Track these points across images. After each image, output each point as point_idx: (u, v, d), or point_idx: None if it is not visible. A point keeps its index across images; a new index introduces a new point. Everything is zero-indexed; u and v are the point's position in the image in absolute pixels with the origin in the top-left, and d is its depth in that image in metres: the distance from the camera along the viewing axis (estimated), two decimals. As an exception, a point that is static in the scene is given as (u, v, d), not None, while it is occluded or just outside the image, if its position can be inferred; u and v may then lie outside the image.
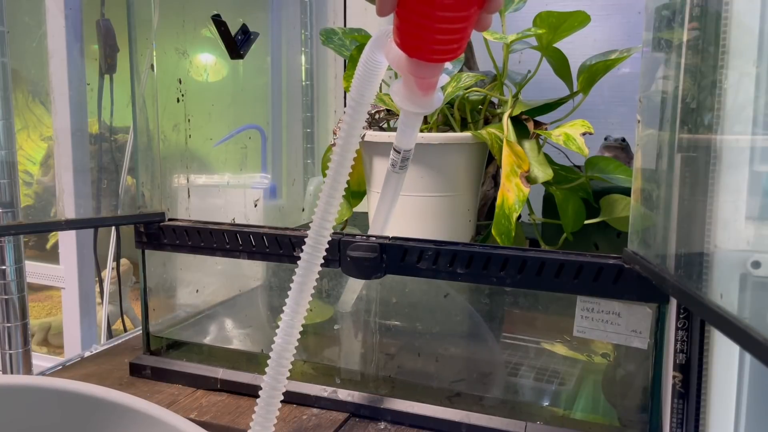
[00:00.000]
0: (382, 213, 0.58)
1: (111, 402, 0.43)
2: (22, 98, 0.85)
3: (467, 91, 0.73)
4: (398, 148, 0.53)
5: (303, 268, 0.48)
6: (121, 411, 0.42)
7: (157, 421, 0.42)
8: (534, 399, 0.62)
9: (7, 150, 0.68)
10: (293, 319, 0.48)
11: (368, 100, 0.46)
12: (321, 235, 0.47)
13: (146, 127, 0.74)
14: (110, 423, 0.42)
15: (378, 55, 0.46)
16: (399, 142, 0.53)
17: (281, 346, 0.48)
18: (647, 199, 0.53)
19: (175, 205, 0.79)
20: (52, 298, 1.85)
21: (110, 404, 0.43)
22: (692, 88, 0.45)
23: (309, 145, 1.10)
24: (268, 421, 0.48)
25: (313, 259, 0.48)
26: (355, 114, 0.46)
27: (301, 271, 0.48)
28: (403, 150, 0.53)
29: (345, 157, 0.47)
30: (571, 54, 0.73)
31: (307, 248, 0.47)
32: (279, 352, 0.48)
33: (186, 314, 0.80)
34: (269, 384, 0.48)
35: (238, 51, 0.81)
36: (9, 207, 0.69)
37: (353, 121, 0.46)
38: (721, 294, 0.43)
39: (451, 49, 0.41)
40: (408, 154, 0.54)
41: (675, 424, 0.50)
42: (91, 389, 0.43)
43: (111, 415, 0.43)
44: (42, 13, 0.78)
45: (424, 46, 0.41)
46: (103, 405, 0.43)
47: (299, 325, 0.48)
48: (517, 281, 0.56)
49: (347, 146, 0.47)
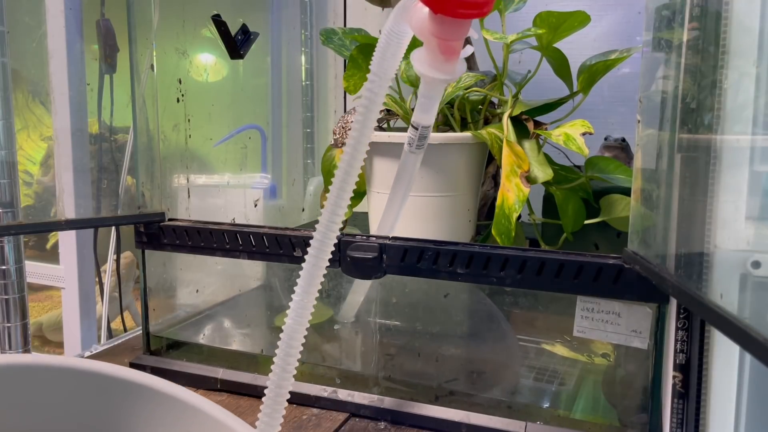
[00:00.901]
0: (398, 197, 0.55)
1: (151, 387, 0.43)
2: (22, 98, 0.85)
3: (467, 91, 0.73)
4: (416, 124, 0.50)
5: (309, 265, 0.45)
6: (163, 398, 0.42)
7: (198, 410, 0.42)
8: (534, 399, 0.62)
9: (7, 150, 0.68)
10: (298, 322, 0.46)
11: (389, 74, 0.43)
12: (333, 222, 0.45)
13: (146, 127, 0.74)
14: (149, 409, 0.43)
15: (402, 25, 0.43)
16: (417, 118, 0.50)
17: (285, 351, 0.46)
18: (647, 199, 0.53)
19: (175, 205, 0.79)
20: (52, 298, 1.85)
21: (151, 390, 0.43)
22: (692, 88, 0.45)
23: (309, 145, 1.10)
24: (274, 420, 0.47)
25: (320, 254, 0.45)
26: (374, 88, 0.43)
27: (308, 268, 0.46)
28: (421, 126, 0.50)
29: (363, 133, 0.44)
30: (571, 54, 0.73)
31: (315, 242, 0.45)
32: (283, 357, 0.46)
33: (186, 314, 0.80)
34: (275, 382, 0.46)
35: (238, 51, 0.81)
36: (9, 207, 0.69)
37: (373, 96, 0.43)
38: (721, 294, 0.43)
39: (478, 3, 0.39)
40: (426, 132, 0.51)
41: (675, 424, 0.50)
42: (132, 374, 0.43)
43: (151, 402, 0.43)
44: (42, 13, 0.78)
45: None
46: (144, 391, 0.43)
47: (305, 326, 0.47)
48: (517, 281, 0.56)
49: (366, 122, 0.44)
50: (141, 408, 0.43)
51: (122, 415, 0.43)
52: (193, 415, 0.42)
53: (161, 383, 0.43)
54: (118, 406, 0.43)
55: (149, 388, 0.43)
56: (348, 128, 0.75)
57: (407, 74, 0.74)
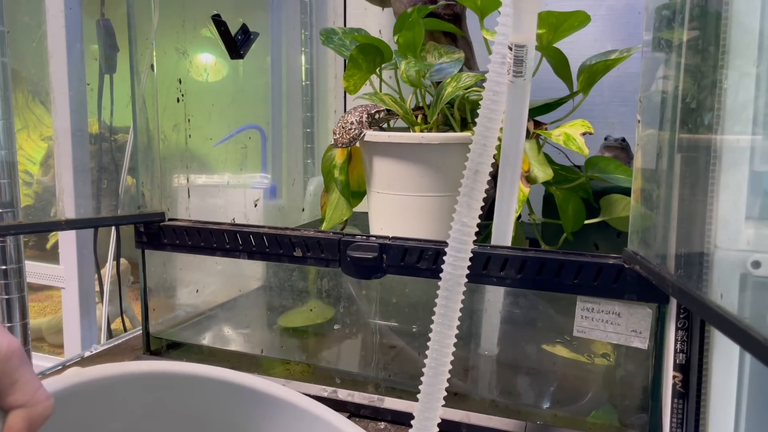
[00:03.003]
0: (512, 151, 0.46)
1: (265, 393, 0.44)
2: (22, 98, 0.85)
3: (467, 91, 0.73)
4: (510, 44, 0.42)
5: (447, 282, 0.40)
6: (276, 403, 0.43)
7: (314, 416, 0.43)
8: (534, 399, 0.62)
9: (7, 150, 0.68)
10: (443, 341, 0.41)
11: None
12: (463, 242, 0.40)
13: (146, 127, 0.74)
14: (266, 415, 0.43)
15: None
16: (512, 36, 0.42)
17: (432, 376, 0.42)
18: (647, 199, 0.53)
19: (175, 205, 0.79)
20: (52, 298, 1.85)
21: (265, 395, 0.44)
22: (692, 88, 0.45)
23: (309, 145, 1.10)
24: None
25: (457, 270, 0.40)
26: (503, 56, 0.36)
27: (447, 277, 0.40)
28: (515, 46, 0.42)
29: (494, 109, 0.37)
30: (571, 54, 0.73)
31: (449, 258, 0.40)
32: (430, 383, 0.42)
33: (186, 314, 0.80)
34: (426, 392, 0.42)
35: (238, 51, 0.81)
36: (9, 207, 0.69)
37: (500, 70, 0.37)
38: (721, 294, 0.43)
39: None
40: (522, 52, 0.42)
41: (675, 424, 0.50)
42: (253, 381, 0.44)
43: (267, 407, 0.43)
44: (42, 13, 0.78)
45: None
46: (260, 396, 0.44)
47: (451, 346, 0.41)
48: (517, 281, 0.56)
49: (495, 105, 0.37)
50: (268, 417, 0.43)
51: (251, 424, 0.44)
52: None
53: (298, 397, 0.44)
54: (247, 414, 0.43)
55: (281, 399, 0.43)
56: (348, 128, 0.75)
57: (407, 74, 0.74)
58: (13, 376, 0.32)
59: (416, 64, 0.75)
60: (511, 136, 0.50)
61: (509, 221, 0.54)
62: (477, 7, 0.74)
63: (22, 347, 0.33)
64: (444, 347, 0.40)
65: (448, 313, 0.40)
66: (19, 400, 0.32)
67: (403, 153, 0.71)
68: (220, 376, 0.43)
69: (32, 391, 0.33)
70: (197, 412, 0.43)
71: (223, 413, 0.43)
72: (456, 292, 0.40)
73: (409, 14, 0.76)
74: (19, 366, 0.32)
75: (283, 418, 0.43)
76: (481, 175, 0.38)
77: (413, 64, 0.74)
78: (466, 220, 0.38)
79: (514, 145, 0.51)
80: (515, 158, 0.52)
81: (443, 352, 0.40)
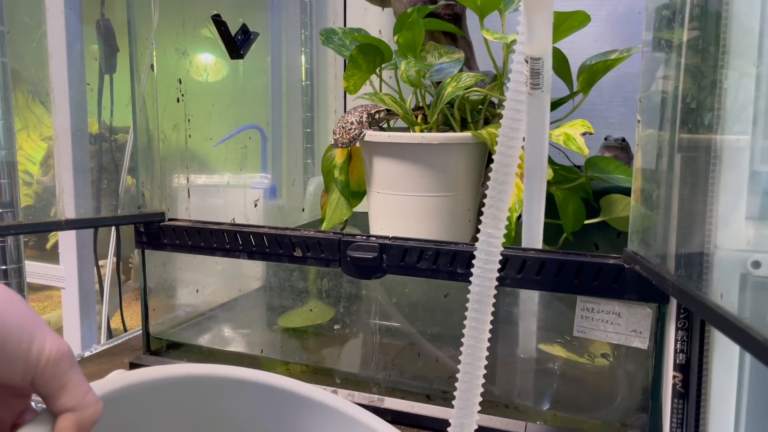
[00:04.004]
0: (537, 162, 0.46)
1: (306, 396, 0.44)
2: (22, 98, 0.85)
3: (467, 91, 0.73)
4: (525, 57, 0.41)
5: (478, 286, 0.39)
6: (318, 407, 0.43)
7: (354, 420, 0.43)
8: (534, 399, 0.62)
9: (7, 150, 0.68)
10: (476, 354, 0.40)
11: None
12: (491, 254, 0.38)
13: (146, 127, 0.74)
14: (306, 418, 0.44)
15: None
16: (526, 48, 0.41)
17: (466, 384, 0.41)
18: (647, 199, 0.53)
19: (175, 205, 0.79)
20: (52, 298, 1.85)
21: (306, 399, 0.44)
22: (692, 88, 0.45)
23: (309, 145, 1.10)
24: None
25: (485, 282, 0.38)
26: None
27: (476, 289, 0.39)
28: (530, 58, 0.42)
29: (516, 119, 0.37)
30: (571, 54, 0.73)
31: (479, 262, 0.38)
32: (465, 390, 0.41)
33: (186, 314, 0.80)
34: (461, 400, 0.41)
35: (238, 51, 0.81)
36: (9, 207, 0.69)
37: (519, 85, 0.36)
38: (721, 294, 0.43)
39: None
40: (537, 65, 0.42)
41: (675, 424, 0.50)
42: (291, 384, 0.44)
43: (307, 411, 0.44)
44: (42, 13, 0.78)
45: None
46: (301, 401, 0.44)
47: (483, 359, 0.40)
48: (517, 281, 0.56)
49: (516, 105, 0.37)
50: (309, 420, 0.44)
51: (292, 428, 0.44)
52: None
53: (340, 402, 0.44)
54: (288, 418, 0.44)
55: (323, 403, 0.43)
56: (348, 128, 0.75)
57: (407, 74, 0.74)
58: (63, 380, 0.32)
59: (416, 64, 0.75)
60: (533, 147, 0.50)
61: (539, 228, 0.55)
62: (477, 7, 0.74)
63: (72, 350, 0.33)
64: (477, 360, 0.40)
65: (479, 326, 0.39)
66: (69, 404, 0.32)
67: (403, 153, 0.71)
68: (262, 379, 0.43)
69: (81, 395, 0.32)
70: (239, 415, 0.43)
71: (264, 416, 0.43)
72: (486, 303, 0.39)
73: (409, 14, 0.76)
74: (69, 369, 0.32)
75: (326, 422, 0.43)
76: (506, 186, 0.38)
77: (413, 64, 0.74)
78: (491, 231, 0.38)
79: (538, 156, 0.51)
80: (541, 170, 0.52)
81: (476, 365, 0.40)
